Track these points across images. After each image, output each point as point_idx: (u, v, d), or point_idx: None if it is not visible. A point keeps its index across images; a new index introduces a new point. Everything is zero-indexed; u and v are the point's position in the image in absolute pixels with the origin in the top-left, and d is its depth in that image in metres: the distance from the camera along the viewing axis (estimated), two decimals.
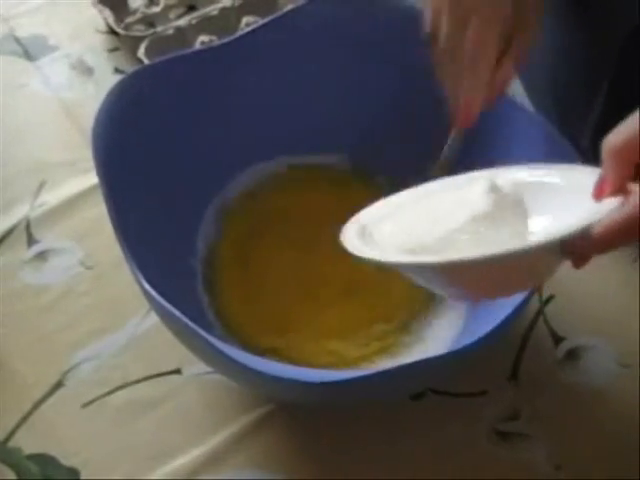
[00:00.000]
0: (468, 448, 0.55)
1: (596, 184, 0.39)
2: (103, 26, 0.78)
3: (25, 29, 0.78)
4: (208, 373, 0.57)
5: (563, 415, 0.56)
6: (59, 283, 0.62)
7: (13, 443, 0.55)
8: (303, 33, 0.60)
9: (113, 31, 0.76)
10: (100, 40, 0.77)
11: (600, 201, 0.38)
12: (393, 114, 0.62)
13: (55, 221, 0.65)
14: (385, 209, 0.49)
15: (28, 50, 0.77)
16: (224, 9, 0.76)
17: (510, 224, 0.41)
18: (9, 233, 0.65)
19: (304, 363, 0.55)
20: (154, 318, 0.56)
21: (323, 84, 0.62)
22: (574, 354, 0.59)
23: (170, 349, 0.55)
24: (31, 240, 0.64)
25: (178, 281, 0.56)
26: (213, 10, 0.76)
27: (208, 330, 0.47)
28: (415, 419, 0.56)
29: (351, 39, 0.61)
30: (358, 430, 0.55)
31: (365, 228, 0.47)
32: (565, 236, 0.37)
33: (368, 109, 0.62)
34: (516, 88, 0.68)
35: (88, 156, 0.51)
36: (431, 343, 0.57)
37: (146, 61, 0.71)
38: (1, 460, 0.54)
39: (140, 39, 0.73)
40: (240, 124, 0.61)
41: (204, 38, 0.74)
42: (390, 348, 0.57)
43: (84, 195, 0.67)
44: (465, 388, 0.57)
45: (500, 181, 0.43)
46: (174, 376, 0.58)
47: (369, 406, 0.55)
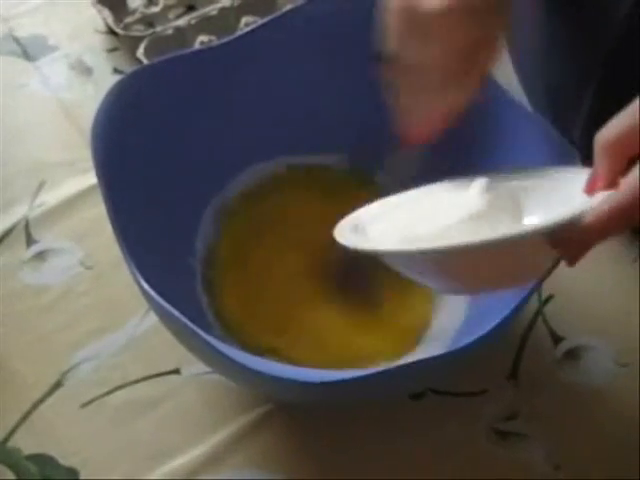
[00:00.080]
0: (467, 447, 0.55)
1: (588, 179, 0.39)
2: (102, 26, 0.78)
3: (24, 29, 0.78)
4: (207, 373, 0.57)
5: (562, 415, 0.56)
6: (58, 283, 0.62)
7: (12, 443, 0.55)
8: (302, 33, 0.60)
9: (112, 31, 0.76)
10: (99, 40, 0.77)
11: (592, 196, 0.38)
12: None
13: (54, 221, 0.65)
14: (379, 209, 0.49)
15: (27, 50, 0.76)
16: (223, 9, 0.76)
17: (504, 223, 0.41)
18: (8, 233, 0.65)
19: (303, 363, 0.55)
20: (153, 318, 0.56)
21: (323, 84, 0.62)
22: (573, 354, 0.59)
23: (169, 349, 0.55)
24: (30, 240, 0.64)
25: (177, 281, 0.56)
26: (212, 10, 0.76)
27: (207, 330, 0.47)
28: (414, 418, 0.56)
29: (350, 38, 0.61)
30: (357, 430, 0.55)
31: (359, 226, 0.47)
32: (556, 223, 0.37)
33: (368, 109, 0.62)
34: (516, 87, 0.68)
35: (87, 156, 0.51)
36: (430, 343, 0.57)
37: (145, 61, 0.71)
38: (0, 460, 0.54)
39: (139, 39, 0.73)
40: (239, 124, 0.61)
41: (203, 38, 0.74)
42: (390, 348, 0.57)
43: (83, 195, 0.66)
44: (464, 388, 0.57)
45: (496, 182, 0.43)
46: (173, 376, 0.58)
47: (368, 406, 0.55)
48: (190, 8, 0.78)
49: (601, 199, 0.37)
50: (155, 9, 0.77)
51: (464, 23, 0.47)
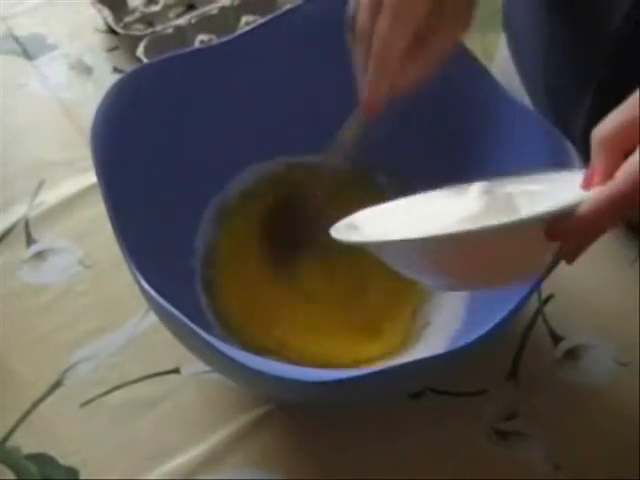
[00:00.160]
0: (467, 447, 0.55)
1: (585, 174, 0.39)
2: (102, 25, 0.78)
3: (24, 28, 0.78)
4: (207, 372, 0.57)
5: (562, 414, 0.56)
6: (58, 282, 0.62)
7: (12, 443, 0.55)
8: (302, 32, 0.60)
9: (112, 30, 0.76)
10: (99, 39, 0.77)
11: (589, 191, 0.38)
12: (393, 114, 0.62)
13: (54, 220, 0.65)
14: (376, 212, 0.49)
15: (27, 49, 0.76)
16: (223, 8, 0.76)
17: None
18: (8, 232, 0.65)
19: (303, 363, 0.55)
20: (153, 318, 0.56)
21: (322, 83, 0.62)
22: (573, 353, 0.59)
23: (169, 348, 0.55)
24: (30, 239, 0.64)
25: (177, 281, 0.56)
26: (212, 9, 0.76)
27: (207, 329, 0.47)
28: (414, 418, 0.56)
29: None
30: (357, 429, 0.55)
31: (355, 225, 0.47)
32: (550, 211, 0.37)
33: None
34: (518, 87, 0.68)
35: (87, 155, 0.51)
36: (430, 342, 0.57)
37: (145, 60, 0.71)
38: (0, 460, 0.54)
39: (139, 38, 0.73)
40: (239, 123, 0.61)
41: (203, 37, 0.74)
42: (390, 348, 0.57)
43: (83, 195, 0.66)
44: (464, 387, 0.57)
45: (494, 187, 0.43)
46: (173, 375, 0.58)
47: (368, 405, 0.55)
48: (190, 7, 0.78)
49: (596, 189, 0.37)
50: (155, 8, 0.77)
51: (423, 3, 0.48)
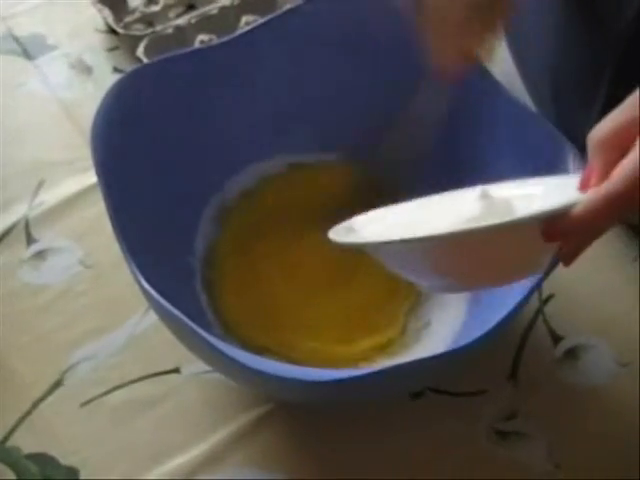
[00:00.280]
0: (467, 447, 0.55)
1: (582, 176, 0.39)
2: (102, 25, 0.78)
3: (24, 28, 0.78)
4: (207, 372, 0.57)
5: (562, 414, 0.56)
6: (58, 282, 0.62)
7: (12, 442, 0.55)
8: (302, 32, 0.60)
9: (112, 30, 0.76)
10: (99, 39, 0.77)
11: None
12: (393, 113, 0.62)
13: (54, 220, 0.65)
14: (375, 215, 0.49)
15: (27, 49, 0.76)
16: (223, 8, 0.76)
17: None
18: (8, 232, 0.65)
19: (303, 362, 0.55)
20: (153, 317, 0.56)
21: (322, 83, 0.62)
22: (573, 353, 0.59)
23: (169, 348, 0.55)
24: (30, 239, 0.64)
25: (177, 280, 0.56)
26: (212, 9, 0.76)
27: (207, 329, 0.47)
28: (414, 418, 0.56)
29: (350, 38, 0.61)
30: (357, 429, 0.55)
31: (353, 228, 0.47)
32: (545, 212, 0.37)
33: (368, 108, 0.62)
34: (517, 86, 0.68)
35: (87, 155, 0.51)
36: (430, 342, 0.57)
37: (145, 60, 0.71)
38: (0, 460, 0.54)
39: (139, 38, 0.73)
40: (239, 122, 0.61)
41: (203, 37, 0.74)
42: (389, 348, 0.57)
43: (83, 194, 0.66)
44: (464, 387, 0.57)
45: (492, 191, 0.43)
46: (173, 375, 0.58)
47: (368, 405, 0.55)
48: (190, 7, 0.78)
49: (593, 189, 0.37)
50: (155, 8, 0.77)
51: None
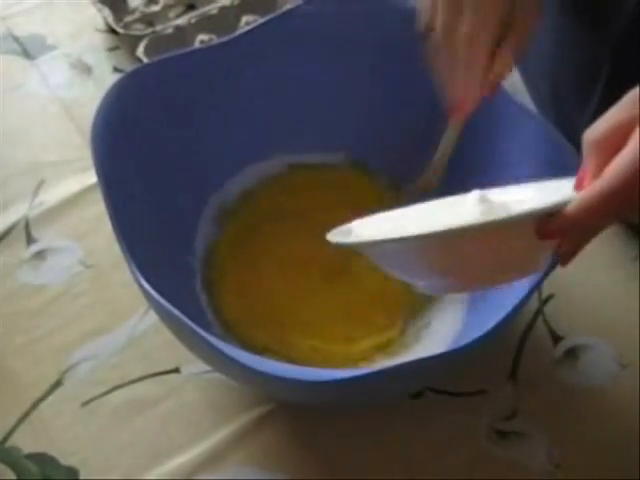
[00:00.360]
0: (467, 447, 0.55)
1: (577, 176, 0.39)
2: (102, 25, 0.78)
3: (23, 28, 0.78)
4: (207, 372, 0.57)
5: (562, 414, 0.56)
6: (58, 282, 0.62)
7: (12, 442, 0.55)
8: (302, 32, 0.60)
9: (112, 30, 0.76)
10: (99, 39, 0.77)
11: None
12: (393, 113, 0.62)
13: (54, 220, 0.65)
14: (374, 219, 0.49)
15: (27, 49, 0.76)
16: (223, 8, 0.76)
17: None
18: (8, 232, 0.65)
19: (303, 362, 0.55)
20: (153, 317, 0.56)
21: (322, 83, 0.62)
22: (573, 353, 0.59)
23: (169, 348, 0.55)
24: (30, 239, 0.64)
25: (177, 280, 0.56)
26: (212, 9, 0.76)
27: (207, 329, 0.47)
28: (414, 418, 0.56)
29: (350, 38, 0.61)
30: (357, 428, 0.55)
31: (351, 231, 0.47)
32: (538, 210, 0.37)
33: (368, 108, 0.62)
34: (518, 87, 0.68)
35: (87, 155, 0.51)
36: (430, 343, 0.57)
37: (145, 60, 0.71)
38: (0, 460, 0.54)
39: (139, 38, 0.73)
40: (239, 123, 0.61)
41: (203, 37, 0.74)
42: (389, 348, 0.57)
43: (83, 194, 0.66)
44: (464, 387, 0.57)
45: (490, 195, 0.43)
46: (173, 375, 0.58)
47: (368, 405, 0.55)
48: (190, 7, 0.78)
49: (586, 188, 0.37)
50: (155, 8, 0.77)
51: None
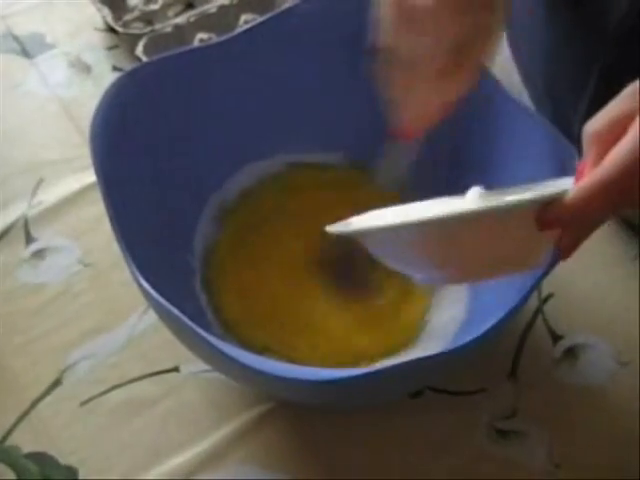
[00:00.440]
0: (467, 446, 0.55)
1: (577, 168, 0.39)
2: (101, 24, 0.78)
3: (23, 27, 0.78)
4: (206, 371, 0.57)
5: (562, 413, 0.56)
6: (57, 281, 0.62)
7: (11, 442, 0.55)
8: (301, 31, 0.60)
9: (111, 29, 0.75)
10: (98, 38, 0.77)
11: None
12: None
13: (53, 219, 0.65)
14: (373, 215, 0.49)
15: (26, 48, 0.76)
16: (222, 7, 0.76)
17: None
18: (7, 231, 0.65)
19: (303, 361, 0.55)
20: (152, 316, 0.56)
21: (322, 82, 0.62)
22: (573, 352, 0.59)
23: (168, 347, 0.55)
24: (29, 238, 0.64)
25: (176, 279, 0.56)
26: (211, 8, 0.76)
27: (206, 328, 0.47)
28: (413, 417, 0.56)
29: (349, 37, 0.61)
30: (357, 427, 0.55)
31: (349, 225, 0.47)
32: (536, 198, 0.37)
33: (367, 107, 0.62)
34: (517, 83, 0.68)
35: (86, 154, 0.51)
36: (430, 342, 0.56)
37: (144, 59, 0.71)
38: None
39: (138, 37, 0.73)
40: (238, 122, 0.61)
41: (202, 36, 0.74)
42: (389, 347, 0.57)
43: (82, 193, 0.66)
44: (464, 386, 0.57)
45: (491, 195, 0.43)
46: (172, 374, 0.58)
47: (368, 404, 0.55)
48: (189, 6, 0.78)
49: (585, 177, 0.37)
50: (154, 7, 0.77)
51: (457, 16, 0.47)
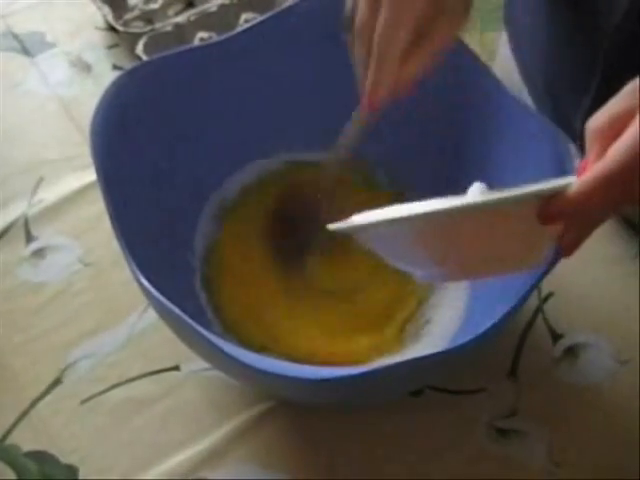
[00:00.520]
0: (467, 445, 0.55)
1: (579, 164, 0.39)
2: (102, 23, 0.78)
3: (23, 25, 0.78)
4: (207, 370, 0.57)
5: (562, 412, 0.56)
6: (57, 280, 0.62)
7: (11, 441, 0.55)
8: (301, 29, 0.60)
9: (112, 28, 0.76)
10: (99, 37, 0.77)
11: None
12: (392, 111, 0.62)
13: (53, 218, 0.65)
14: (373, 214, 0.49)
15: (26, 47, 0.76)
16: (223, 6, 0.76)
17: None
18: (7, 230, 0.65)
19: (302, 360, 0.55)
20: (152, 315, 0.56)
21: (322, 81, 0.62)
22: (573, 351, 0.59)
23: (168, 346, 0.55)
24: (29, 237, 0.64)
25: (176, 278, 0.56)
26: (212, 7, 0.76)
27: (207, 327, 0.47)
28: (414, 416, 0.56)
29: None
30: (357, 426, 0.55)
31: (351, 222, 0.47)
32: (537, 191, 0.37)
33: None
34: (517, 80, 0.68)
35: (86, 153, 0.51)
36: (429, 341, 0.56)
37: (145, 58, 0.71)
38: None
39: (139, 36, 0.73)
40: (238, 120, 0.61)
41: (203, 35, 0.74)
42: (389, 346, 0.57)
43: (82, 192, 0.66)
44: (464, 385, 0.57)
45: (491, 191, 0.43)
46: (172, 373, 0.58)
47: (368, 402, 0.55)
48: (189, 5, 0.78)
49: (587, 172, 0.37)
50: (154, 6, 0.77)
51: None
